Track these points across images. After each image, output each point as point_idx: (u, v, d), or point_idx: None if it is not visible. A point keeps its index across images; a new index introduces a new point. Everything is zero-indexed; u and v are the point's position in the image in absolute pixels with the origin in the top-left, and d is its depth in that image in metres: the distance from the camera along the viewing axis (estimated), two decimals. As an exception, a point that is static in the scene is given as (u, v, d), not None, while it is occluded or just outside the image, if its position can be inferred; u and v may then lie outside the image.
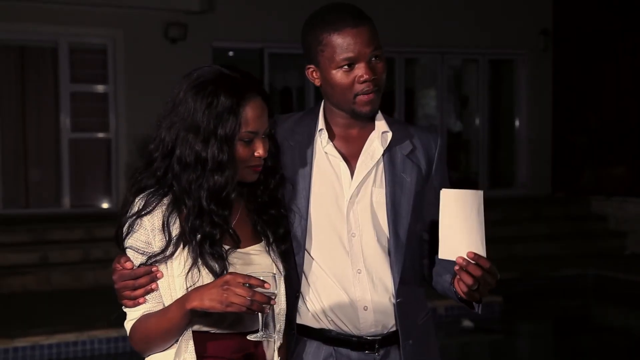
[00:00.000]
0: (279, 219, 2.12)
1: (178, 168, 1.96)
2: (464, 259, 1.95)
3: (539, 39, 12.35)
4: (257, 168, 2.04)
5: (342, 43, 2.11)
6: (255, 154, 2.01)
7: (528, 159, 12.55)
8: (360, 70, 2.12)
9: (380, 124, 2.25)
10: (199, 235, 1.94)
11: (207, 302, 1.84)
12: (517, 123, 12.72)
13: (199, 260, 1.95)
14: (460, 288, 2.00)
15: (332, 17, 2.13)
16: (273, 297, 1.86)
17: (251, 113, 1.97)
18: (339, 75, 2.13)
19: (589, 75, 11.93)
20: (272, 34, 10.99)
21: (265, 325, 1.90)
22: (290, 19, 10.51)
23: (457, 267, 1.98)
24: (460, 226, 1.96)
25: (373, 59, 2.13)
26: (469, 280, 1.96)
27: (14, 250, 8.39)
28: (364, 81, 2.12)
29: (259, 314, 1.87)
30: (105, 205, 10.54)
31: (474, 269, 1.95)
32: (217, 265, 1.95)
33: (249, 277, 1.84)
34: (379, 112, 2.26)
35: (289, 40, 10.58)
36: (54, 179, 10.33)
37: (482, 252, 1.97)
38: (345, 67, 2.12)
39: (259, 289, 1.84)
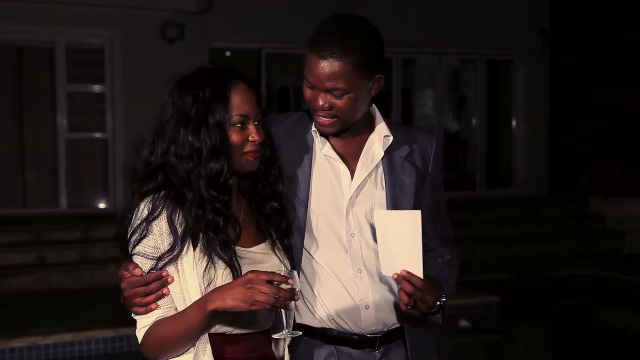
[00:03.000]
0: (281, 213, 2.11)
1: (175, 161, 1.96)
2: (398, 276, 2.03)
3: (537, 39, 12.34)
4: (253, 154, 2.02)
5: (309, 64, 2.12)
6: (250, 138, 2.00)
7: (525, 159, 12.54)
8: (316, 95, 2.13)
9: (381, 127, 2.25)
10: (203, 225, 1.93)
11: (230, 302, 1.82)
12: (514, 123, 12.71)
13: (213, 257, 1.92)
14: (401, 303, 2.07)
15: (317, 35, 2.12)
16: (296, 293, 1.85)
17: (238, 97, 1.99)
18: (305, 89, 2.16)
19: (587, 76, 11.92)
20: (270, 34, 10.96)
21: (288, 323, 1.90)
22: (287, 19, 10.51)
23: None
24: (396, 245, 2.03)
25: (331, 93, 2.10)
26: (403, 296, 2.03)
27: (11, 251, 8.37)
28: (317, 107, 2.13)
29: (282, 311, 1.86)
30: (102, 206, 10.52)
31: (406, 286, 2.02)
32: (225, 257, 1.93)
33: (273, 274, 1.83)
34: (379, 114, 2.26)
35: (286, 40, 10.57)
36: (51, 179, 10.31)
37: (417, 269, 2.03)
38: (309, 86, 2.14)
39: (283, 285, 1.82)
